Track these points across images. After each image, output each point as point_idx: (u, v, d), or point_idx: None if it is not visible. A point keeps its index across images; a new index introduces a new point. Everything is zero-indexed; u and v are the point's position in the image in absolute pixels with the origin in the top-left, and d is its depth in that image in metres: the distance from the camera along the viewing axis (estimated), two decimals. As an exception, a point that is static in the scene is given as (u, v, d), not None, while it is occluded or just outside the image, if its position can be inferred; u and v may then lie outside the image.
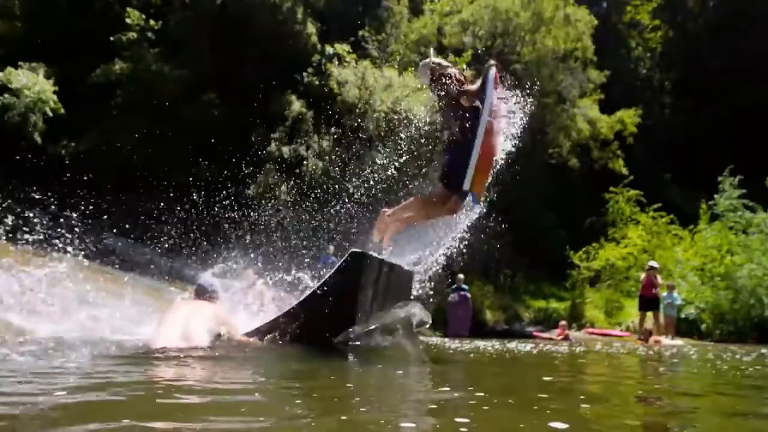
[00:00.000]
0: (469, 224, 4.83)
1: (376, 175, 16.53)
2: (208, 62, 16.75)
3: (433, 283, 5.39)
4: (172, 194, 12.47)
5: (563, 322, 13.41)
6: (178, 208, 11.36)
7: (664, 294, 12.64)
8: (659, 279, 12.40)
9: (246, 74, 16.70)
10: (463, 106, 3.96)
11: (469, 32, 18.14)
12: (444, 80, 4.06)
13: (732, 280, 14.38)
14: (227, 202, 11.47)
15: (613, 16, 25.50)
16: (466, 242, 5.20)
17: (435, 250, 4.99)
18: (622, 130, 19.80)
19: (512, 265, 18.27)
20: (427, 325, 4.92)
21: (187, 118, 15.81)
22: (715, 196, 16.14)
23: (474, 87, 3.99)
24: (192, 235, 10.57)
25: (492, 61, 4.10)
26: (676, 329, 12.78)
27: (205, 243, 9.78)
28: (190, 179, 13.43)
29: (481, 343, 8.05)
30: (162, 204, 11.41)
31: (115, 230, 11.27)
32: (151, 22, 17.19)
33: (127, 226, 11.86)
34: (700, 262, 15.40)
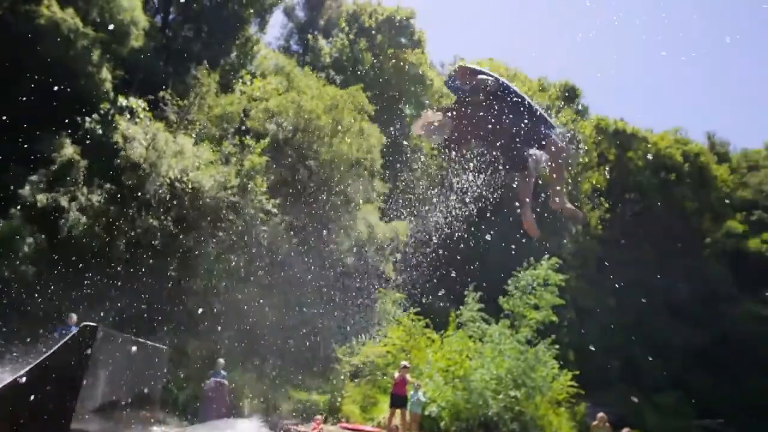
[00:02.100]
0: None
1: (155, 241, 15.32)
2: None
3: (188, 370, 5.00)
4: None
5: (318, 417, 13.52)
6: None
7: (411, 392, 13.72)
8: (409, 378, 13.53)
9: (15, 101, 14.47)
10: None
11: (274, 120, 18.88)
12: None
13: (467, 382, 16.37)
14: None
15: (400, 138, 29.19)
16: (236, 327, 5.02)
17: None
18: (395, 237, 22.04)
19: (280, 353, 18.02)
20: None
21: None
22: (461, 307, 18.68)
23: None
24: None
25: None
26: (420, 425, 13.83)
27: None
28: None
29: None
30: None
31: None
32: None
33: None
34: (446, 365, 17.24)
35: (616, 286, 31.46)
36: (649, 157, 37.52)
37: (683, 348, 31.02)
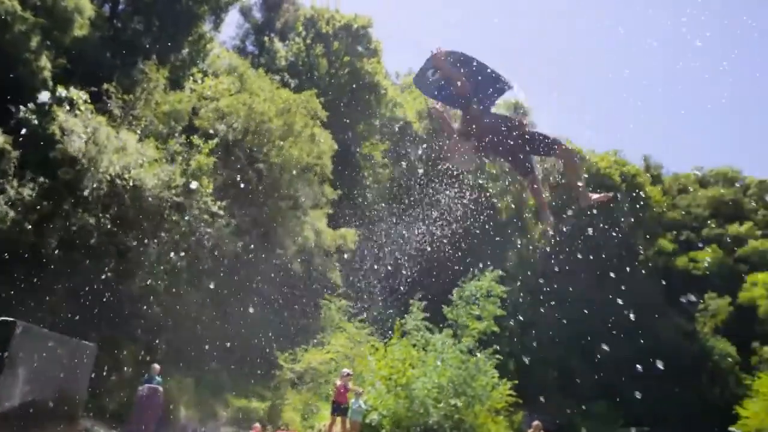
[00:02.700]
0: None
1: (91, 239, 14.63)
2: None
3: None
4: None
5: (257, 424, 13.28)
6: None
7: (353, 400, 13.69)
8: (351, 385, 13.50)
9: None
10: None
11: (224, 121, 18.52)
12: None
13: (409, 391, 16.47)
14: None
15: (352, 146, 29.27)
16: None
17: None
18: (342, 244, 22.05)
19: (220, 358, 17.59)
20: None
21: None
22: (406, 315, 18.82)
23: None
24: None
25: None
26: (359, 434, 13.79)
27: None
28: None
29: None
30: None
31: None
32: None
33: None
34: (388, 373, 17.28)
35: (553, 300, 32.71)
36: (591, 175, 39.20)
37: (615, 359, 32.40)
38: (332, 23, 32.29)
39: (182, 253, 16.38)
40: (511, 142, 4.44)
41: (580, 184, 4.70)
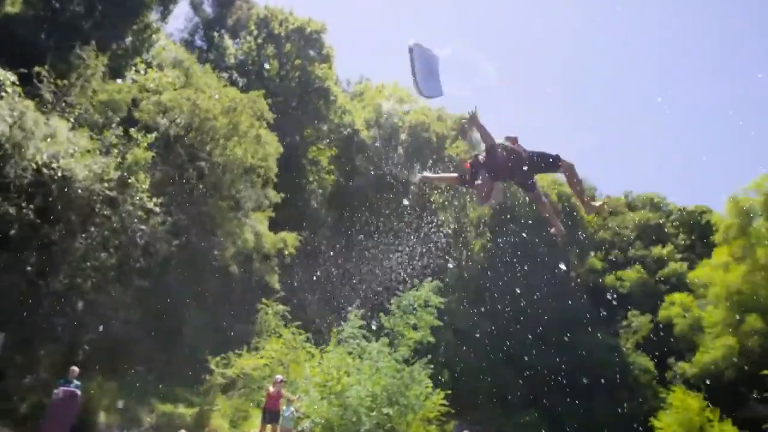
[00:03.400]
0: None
1: (11, 231, 13.65)
2: None
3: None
4: None
5: (182, 431, 12.85)
6: None
7: (284, 407, 13.50)
8: (284, 392, 13.29)
9: None
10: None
11: (166, 116, 17.86)
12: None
13: (343, 399, 16.38)
14: None
15: (299, 149, 29.00)
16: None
17: None
18: (283, 249, 21.71)
19: (147, 361, 16.86)
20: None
21: None
22: (343, 323, 18.74)
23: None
24: None
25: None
26: (290, 441, 13.58)
27: None
28: None
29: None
30: None
31: None
32: None
33: None
34: (323, 380, 17.13)
35: (488, 312, 33.61)
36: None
37: (545, 371, 33.59)
38: (285, 25, 31.97)
39: (112, 250, 15.60)
40: (518, 167, 5.10)
41: (585, 197, 5.48)
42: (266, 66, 28.55)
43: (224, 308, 20.35)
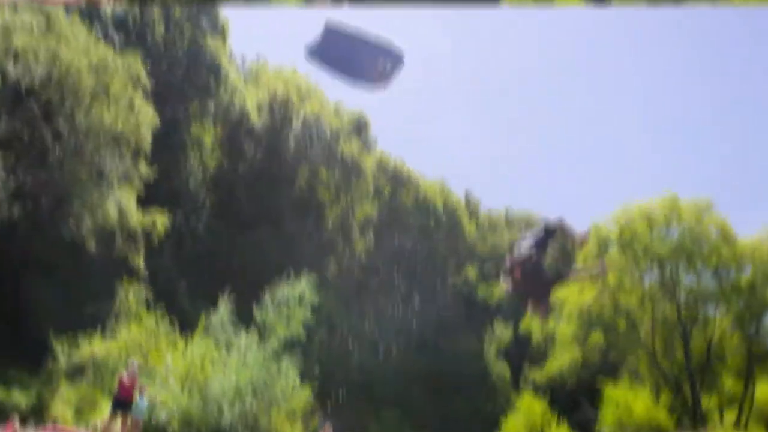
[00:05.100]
0: None
1: None
2: None
3: None
4: None
5: (15, 418, 11.32)
6: None
7: (138, 397, 12.42)
8: (137, 381, 12.23)
9: None
10: None
11: (19, 62, 15.41)
12: None
13: (206, 390, 15.39)
14: None
15: (181, 125, 26.92)
16: None
17: None
18: (151, 228, 19.85)
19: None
20: None
21: None
22: (212, 310, 17.69)
23: None
24: None
25: None
26: (143, 432, 12.47)
27: None
28: None
29: None
30: None
31: None
32: None
33: None
34: (186, 370, 15.99)
35: (366, 312, 34.01)
36: (417, 201, 41.87)
37: (412, 370, 34.77)
38: (177, -14, 29.45)
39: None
40: None
41: None
42: (150, 28, 25.89)
43: (78, 285, 18.19)
